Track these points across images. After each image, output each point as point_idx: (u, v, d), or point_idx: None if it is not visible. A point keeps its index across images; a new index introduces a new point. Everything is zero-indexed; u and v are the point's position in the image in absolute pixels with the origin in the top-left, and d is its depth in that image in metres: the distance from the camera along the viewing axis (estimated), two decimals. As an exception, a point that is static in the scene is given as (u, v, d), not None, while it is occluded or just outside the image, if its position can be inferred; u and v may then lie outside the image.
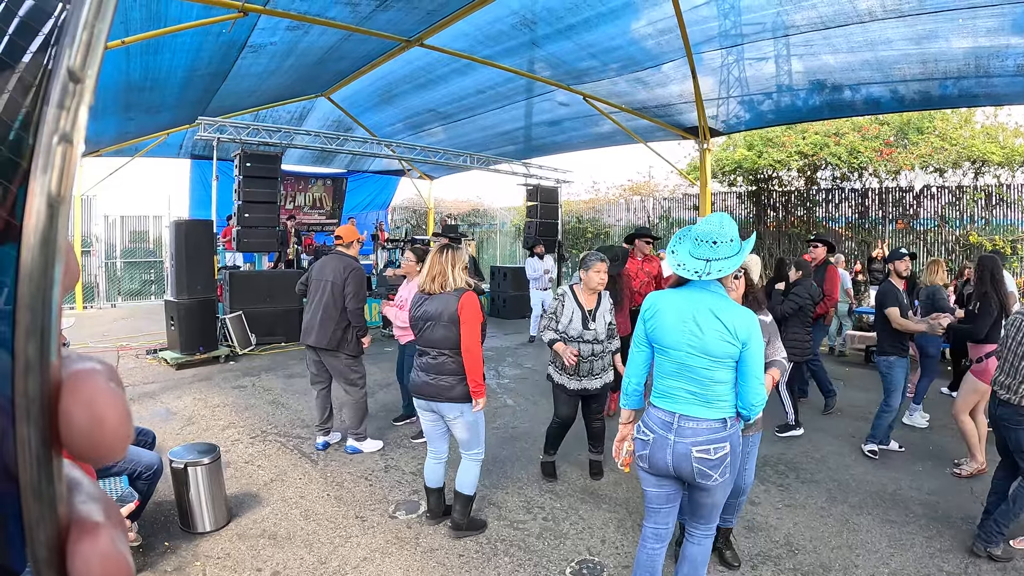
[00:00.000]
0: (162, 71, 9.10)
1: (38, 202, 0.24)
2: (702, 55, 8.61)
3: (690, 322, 2.78)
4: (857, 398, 7.57)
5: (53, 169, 0.24)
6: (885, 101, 9.21)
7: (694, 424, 2.79)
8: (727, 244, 2.80)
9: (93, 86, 0.25)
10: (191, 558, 3.72)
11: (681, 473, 2.84)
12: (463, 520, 4.07)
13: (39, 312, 0.24)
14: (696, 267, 2.79)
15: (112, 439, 0.26)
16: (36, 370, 0.24)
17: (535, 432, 6.04)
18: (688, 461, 2.79)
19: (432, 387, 3.90)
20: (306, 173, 18.01)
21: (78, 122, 0.25)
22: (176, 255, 9.17)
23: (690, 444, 2.78)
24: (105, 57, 0.26)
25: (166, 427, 6.04)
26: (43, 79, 0.24)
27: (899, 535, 4.17)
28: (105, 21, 0.25)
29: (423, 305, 3.95)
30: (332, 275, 5.43)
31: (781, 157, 15.24)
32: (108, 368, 0.28)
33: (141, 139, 13.63)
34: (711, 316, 2.75)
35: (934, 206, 13.69)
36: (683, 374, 2.82)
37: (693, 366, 2.78)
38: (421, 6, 7.45)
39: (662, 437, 2.84)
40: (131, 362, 9.04)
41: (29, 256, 0.24)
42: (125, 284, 17.44)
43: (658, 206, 18.82)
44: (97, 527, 0.27)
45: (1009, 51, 7.03)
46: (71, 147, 0.25)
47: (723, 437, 2.79)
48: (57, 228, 0.25)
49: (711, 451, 2.77)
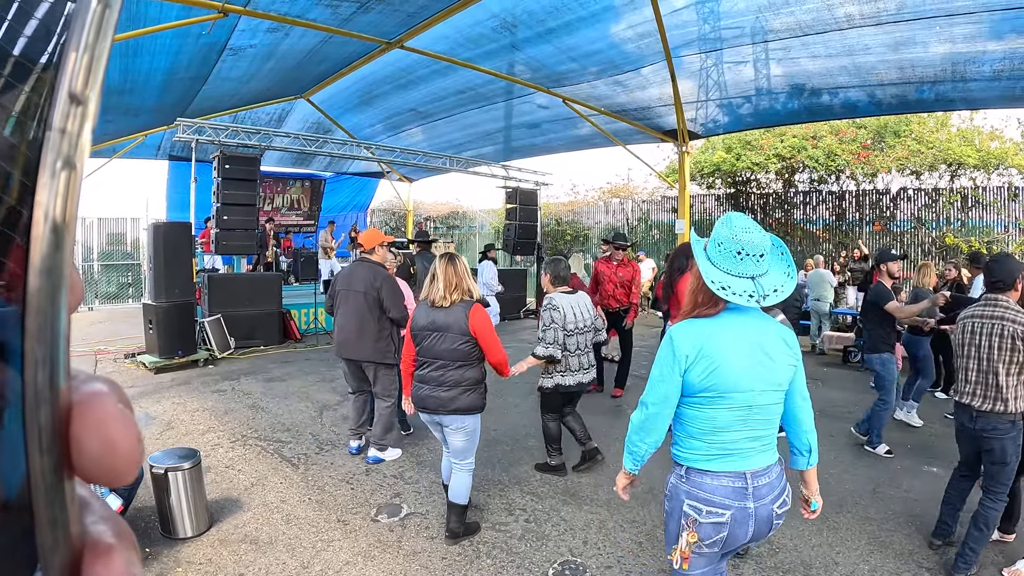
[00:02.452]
0: (141, 74, 9.01)
1: (43, 229, 0.24)
2: (682, 59, 8.68)
3: (759, 352, 2.20)
4: (835, 398, 7.65)
5: (57, 196, 0.24)
6: (863, 105, 9.35)
7: (764, 479, 2.26)
8: (766, 257, 2.24)
9: (96, 108, 0.25)
10: (172, 564, 3.68)
11: (757, 539, 2.34)
12: (460, 528, 4.06)
13: (48, 342, 0.24)
14: (746, 288, 2.18)
15: (124, 463, 0.26)
16: (47, 400, 0.24)
17: (514, 434, 6.05)
18: (770, 524, 2.29)
19: (435, 399, 3.86)
20: (284, 174, 17.90)
21: (81, 145, 0.24)
22: (154, 258, 9.07)
23: (771, 504, 2.27)
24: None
25: (146, 432, 5.95)
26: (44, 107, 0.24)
27: (878, 532, 4.22)
28: (107, 41, 0.25)
29: (431, 315, 3.87)
30: (363, 285, 5.21)
31: (759, 160, 15.40)
32: (116, 389, 0.28)
33: (118, 140, 13.47)
34: (774, 338, 2.26)
35: (911, 208, 13.91)
36: (749, 419, 2.22)
37: (764, 405, 2.23)
38: (402, 8, 7.44)
39: (742, 509, 2.22)
40: (109, 366, 8.93)
41: (36, 285, 0.24)
42: (103, 287, 17.23)
43: (637, 208, 18.94)
44: (111, 550, 0.27)
45: (985, 57, 7.16)
46: (75, 172, 0.24)
47: (781, 479, 2.34)
48: (63, 255, 0.24)
49: (780, 501, 2.31)
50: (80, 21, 0.24)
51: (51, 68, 0.24)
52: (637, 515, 4.41)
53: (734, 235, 2.21)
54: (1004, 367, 3.58)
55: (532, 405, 7.01)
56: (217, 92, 10.54)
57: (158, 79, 9.39)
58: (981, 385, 3.69)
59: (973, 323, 3.77)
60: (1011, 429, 3.61)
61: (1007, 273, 3.67)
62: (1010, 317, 3.59)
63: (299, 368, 9.03)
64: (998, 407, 3.60)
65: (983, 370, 3.68)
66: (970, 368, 3.76)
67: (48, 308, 0.24)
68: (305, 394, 7.51)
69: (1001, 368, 3.59)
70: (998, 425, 3.62)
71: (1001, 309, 3.64)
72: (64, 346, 0.25)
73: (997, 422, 3.62)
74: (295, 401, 7.19)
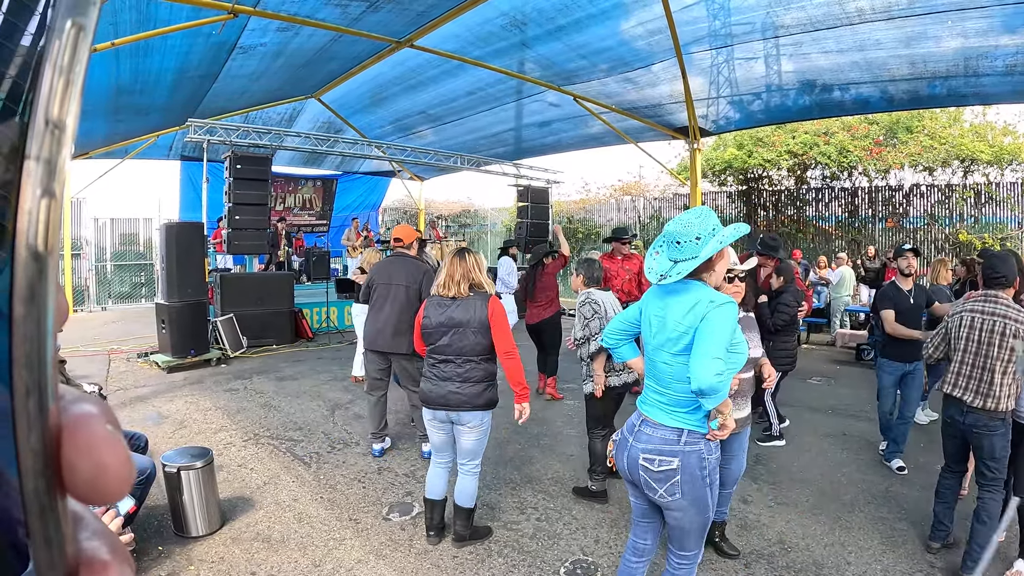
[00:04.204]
0: (152, 73, 9.07)
1: (24, 257, 0.24)
2: (692, 55, 8.64)
3: (657, 316, 2.67)
4: (847, 396, 7.61)
5: (38, 224, 0.24)
6: (874, 101, 9.27)
7: (651, 430, 2.62)
8: (691, 243, 2.57)
9: (73, 131, 0.25)
10: (185, 562, 3.71)
11: (634, 478, 2.69)
12: (466, 532, 3.98)
13: (35, 369, 0.24)
14: (661, 269, 2.64)
15: (115, 484, 0.27)
16: (38, 426, 0.24)
17: (525, 434, 6.04)
18: (636, 468, 2.63)
19: (458, 396, 3.74)
20: (296, 175, 17.96)
21: (60, 171, 0.24)
22: (166, 258, 9.14)
23: (640, 450, 2.62)
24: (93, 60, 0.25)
25: (158, 431, 6.01)
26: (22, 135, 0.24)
27: (891, 532, 4.19)
28: (81, 64, 0.25)
29: (447, 311, 3.79)
30: (406, 279, 5.22)
31: (771, 156, 15.31)
32: (103, 408, 0.28)
33: (131, 141, 13.55)
34: (677, 305, 2.59)
35: (923, 204, 13.80)
36: (652, 372, 2.69)
37: (656, 362, 2.65)
38: (411, 7, 7.44)
39: (624, 439, 2.72)
40: (122, 365, 8.99)
41: (21, 313, 0.24)
42: (115, 287, 17.37)
43: (648, 206, 18.88)
44: (106, 566, 0.27)
45: (998, 51, 7.08)
46: (54, 200, 0.24)
47: (672, 451, 2.56)
48: (47, 284, 0.24)
49: (654, 462, 2.58)
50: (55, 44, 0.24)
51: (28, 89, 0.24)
52: (648, 514, 4.39)
53: (671, 224, 2.67)
54: (1002, 365, 3.54)
55: (543, 403, 7.02)
56: (227, 90, 10.57)
57: (168, 78, 9.44)
58: (975, 380, 3.65)
59: (972, 318, 3.71)
60: (1001, 427, 3.59)
61: (1010, 270, 3.62)
62: (1012, 316, 3.55)
63: (311, 367, 9.06)
64: (990, 404, 3.57)
65: (978, 366, 3.63)
66: (965, 362, 3.70)
67: (35, 335, 0.24)
68: (317, 393, 7.53)
69: (999, 366, 3.55)
70: (989, 423, 3.59)
71: (1003, 307, 3.59)
72: (51, 373, 0.25)
73: (988, 419, 3.59)
74: (307, 400, 7.22)
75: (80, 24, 0.24)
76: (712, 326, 2.46)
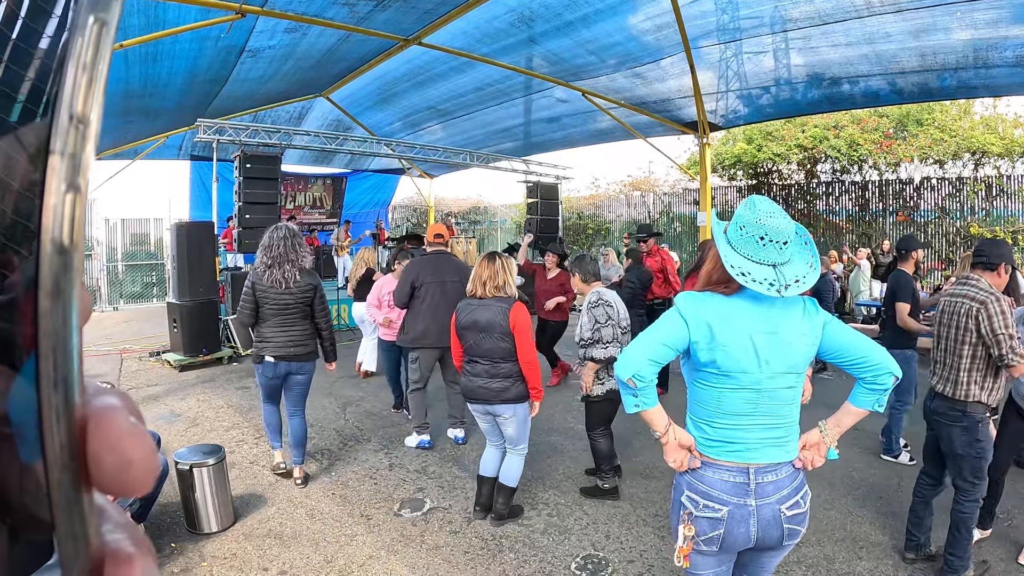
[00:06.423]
0: (161, 78, 9.11)
1: (50, 252, 0.24)
2: (700, 50, 8.61)
3: (770, 332, 2.06)
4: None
5: (63, 219, 0.24)
6: (884, 94, 9.21)
7: (773, 475, 2.09)
8: (801, 244, 2.14)
9: (97, 126, 0.25)
10: (198, 559, 3.74)
11: (767, 543, 2.13)
12: (505, 510, 4.23)
13: (62, 364, 0.25)
14: (767, 276, 2.02)
15: (141, 477, 0.27)
16: (64, 419, 0.25)
17: (536, 428, 6.04)
18: (780, 527, 2.09)
19: (487, 391, 4.02)
20: (306, 173, 18.00)
21: (84, 166, 0.24)
22: (177, 257, 9.19)
23: (777, 500, 2.08)
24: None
25: (171, 429, 6.06)
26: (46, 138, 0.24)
27: (902, 528, 4.16)
28: (105, 60, 0.25)
29: (472, 314, 4.03)
30: (457, 275, 5.36)
31: (781, 151, 15.25)
32: (127, 401, 0.29)
33: (141, 141, 13.63)
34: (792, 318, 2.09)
35: (934, 198, 13.72)
36: (760, 405, 2.08)
37: (775, 389, 2.08)
38: (419, 5, 7.45)
39: (740, 507, 2.08)
40: (134, 365, 9.06)
41: (47, 307, 0.24)
42: (127, 287, 17.46)
43: (659, 201, 18.84)
44: (131, 559, 0.27)
45: (1008, 42, 7.02)
46: (79, 194, 0.24)
47: (803, 481, 2.18)
48: (72, 279, 0.25)
49: (801, 504, 2.12)
50: (78, 40, 0.24)
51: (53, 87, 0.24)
52: (660, 508, 4.40)
53: (758, 219, 2.04)
54: (969, 349, 3.37)
55: (555, 399, 7.01)
56: (237, 93, 10.62)
57: (178, 83, 9.49)
58: (944, 366, 3.52)
59: (945, 302, 3.58)
60: (962, 419, 3.41)
61: (995, 253, 3.42)
62: (971, 295, 3.37)
63: (321, 364, 9.07)
64: (954, 391, 3.43)
65: (948, 351, 3.49)
66: (939, 348, 3.57)
67: (61, 329, 0.25)
68: (328, 390, 7.56)
69: (965, 351, 3.38)
70: (949, 412, 3.46)
71: (972, 288, 3.40)
72: (77, 367, 0.25)
73: (948, 408, 3.46)
74: (318, 397, 7.24)
75: (103, 20, 0.25)
76: (836, 319, 2.17)
